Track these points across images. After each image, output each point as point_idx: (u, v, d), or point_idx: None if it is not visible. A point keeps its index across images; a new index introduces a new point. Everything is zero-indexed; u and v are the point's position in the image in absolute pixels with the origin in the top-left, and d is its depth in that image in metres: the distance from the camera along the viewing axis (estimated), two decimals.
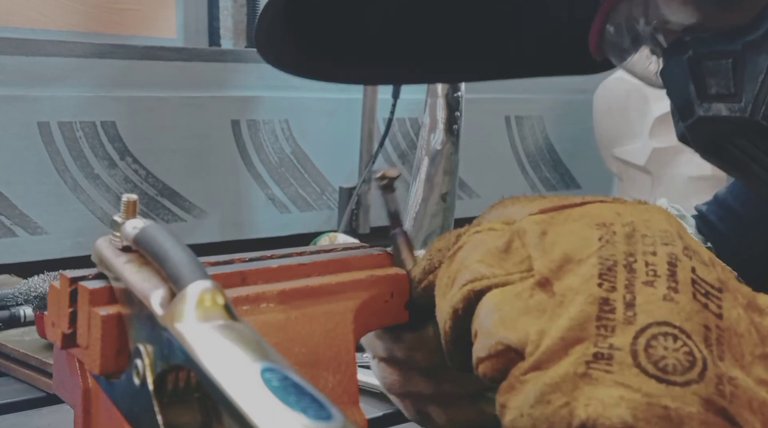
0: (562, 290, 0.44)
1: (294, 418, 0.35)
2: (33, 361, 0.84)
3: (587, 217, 0.47)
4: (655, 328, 0.42)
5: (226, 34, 1.72)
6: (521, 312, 0.45)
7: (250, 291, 0.51)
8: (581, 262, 0.45)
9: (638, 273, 0.44)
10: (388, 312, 0.57)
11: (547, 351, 0.43)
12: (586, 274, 0.44)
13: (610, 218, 0.47)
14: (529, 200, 0.50)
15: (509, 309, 0.45)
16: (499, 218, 0.50)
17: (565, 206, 0.48)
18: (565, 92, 2.32)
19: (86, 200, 1.52)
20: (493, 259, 0.47)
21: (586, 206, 0.48)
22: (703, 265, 0.45)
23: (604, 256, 0.44)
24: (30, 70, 1.46)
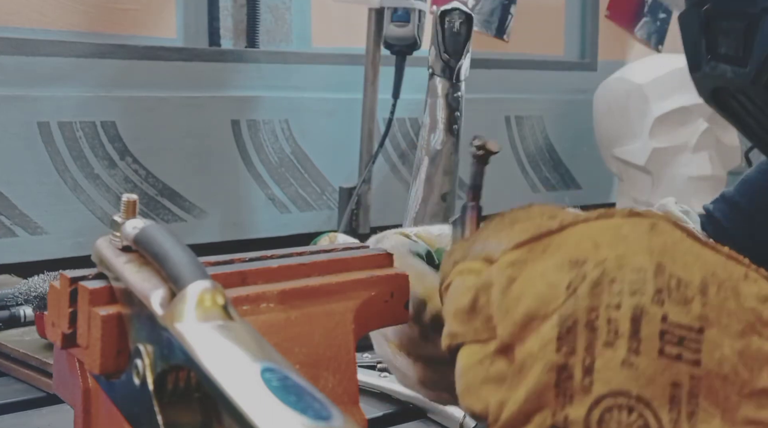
0: (522, 357, 0.44)
1: (294, 418, 0.35)
2: (33, 361, 0.84)
3: (563, 250, 0.45)
4: (610, 400, 0.41)
5: (226, 34, 1.72)
6: (483, 381, 0.45)
7: (250, 291, 0.51)
8: (543, 320, 0.44)
9: (599, 332, 0.43)
10: (388, 312, 0.57)
11: (506, 425, 0.43)
12: (546, 337, 0.43)
13: (584, 253, 0.45)
14: (511, 228, 0.49)
15: (472, 377, 0.45)
16: (480, 254, 0.49)
17: (542, 235, 0.46)
18: (565, 92, 2.32)
19: (86, 200, 1.52)
20: (462, 316, 0.47)
21: (565, 232, 0.46)
22: (680, 305, 0.43)
23: (565, 315, 0.43)
24: (30, 70, 1.46)
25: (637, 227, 0.46)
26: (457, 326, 0.47)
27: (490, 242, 0.49)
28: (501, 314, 0.45)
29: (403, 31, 1.57)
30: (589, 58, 2.39)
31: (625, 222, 0.46)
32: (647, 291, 0.43)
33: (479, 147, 0.60)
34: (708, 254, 0.45)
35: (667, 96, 2.09)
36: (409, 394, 0.80)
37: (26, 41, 1.46)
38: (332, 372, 0.51)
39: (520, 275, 0.45)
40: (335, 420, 0.36)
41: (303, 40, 1.83)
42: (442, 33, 1.38)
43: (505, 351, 0.45)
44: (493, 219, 0.51)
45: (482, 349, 0.45)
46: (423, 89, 1.44)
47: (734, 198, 0.88)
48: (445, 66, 1.39)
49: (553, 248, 0.46)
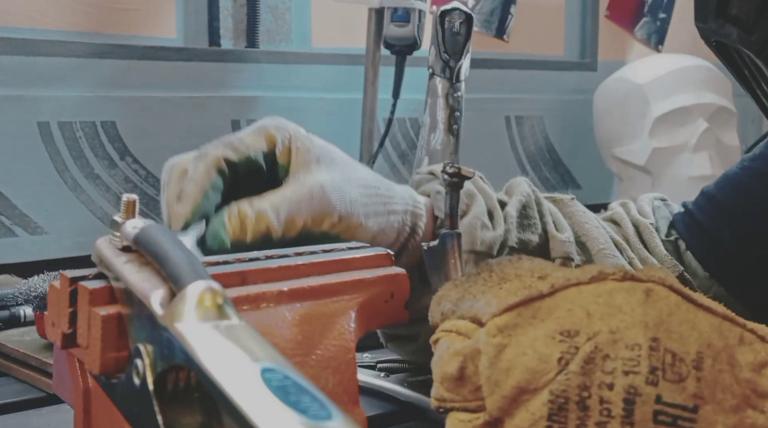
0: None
1: (294, 418, 0.35)
2: (33, 361, 0.84)
3: (553, 317, 0.44)
4: None
5: (226, 34, 1.72)
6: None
7: (250, 291, 0.51)
8: (533, 394, 0.43)
9: (591, 412, 0.42)
10: (388, 312, 0.57)
11: None
12: (537, 414, 0.42)
13: (576, 324, 0.44)
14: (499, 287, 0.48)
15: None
16: (468, 312, 0.48)
17: (532, 299, 0.45)
18: (565, 92, 2.32)
19: (86, 200, 1.52)
20: (450, 383, 0.46)
21: (556, 296, 0.45)
22: (675, 384, 0.42)
23: (556, 391, 0.42)
24: (30, 70, 1.46)
25: (631, 296, 0.45)
26: (444, 392, 0.47)
27: (479, 300, 0.48)
28: (490, 387, 0.44)
29: (403, 31, 1.57)
30: (589, 58, 2.39)
31: (619, 289, 0.45)
32: (641, 370, 0.42)
33: (453, 174, 0.60)
34: (704, 320, 0.44)
35: (667, 96, 2.09)
36: (409, 394, 0.80)
37: (26, 41, 1.46)
38: (332, 372, 0.51)
39: (510, 343, 0.44)
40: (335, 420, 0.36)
41: (303, 40, 1.83)
42: (442, 33, 1.38)
43: (494, 424, 0.44)
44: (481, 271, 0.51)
45: (471, 420, 0.45)
46: (423, 89, 1.44)
47: (713, 193, 0.88)
48: (445, 66, 1.39)
49: (543, 314, 0.45)
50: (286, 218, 0.67)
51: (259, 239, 0.66)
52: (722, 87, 2.16)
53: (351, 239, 0.69)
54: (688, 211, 0.89)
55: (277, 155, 0.71)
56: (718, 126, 2.13)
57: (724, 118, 2.14)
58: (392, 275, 0.57)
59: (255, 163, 0.70)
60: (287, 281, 0.53)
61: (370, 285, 0.56)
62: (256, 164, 0.70)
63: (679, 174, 2.09)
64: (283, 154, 0.71)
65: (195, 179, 0.67)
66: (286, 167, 0.71)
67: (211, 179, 0.67)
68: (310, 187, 0.69)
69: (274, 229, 0.67)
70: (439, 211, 0.76)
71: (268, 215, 0.67)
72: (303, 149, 0.71)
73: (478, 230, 0.75)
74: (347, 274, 0.56)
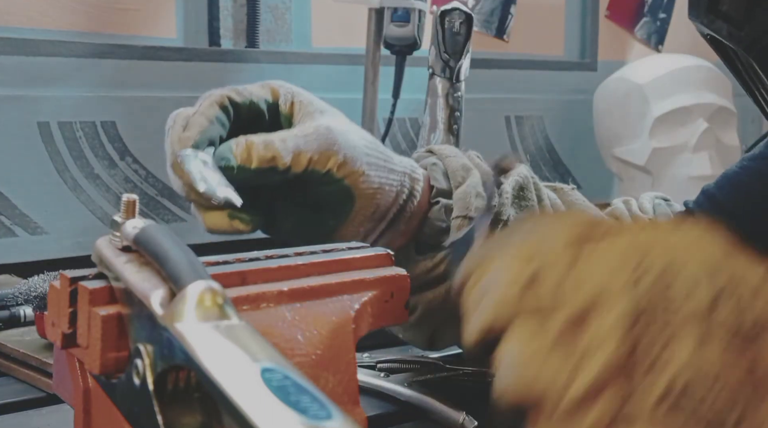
0: (588, 338, 0.41)
1: (294, 418, 0.35)
2: (33, 361, 0.84)
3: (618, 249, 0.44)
4: (692, 380, 0.40)
5: (226, 34, 1.72)
6: (547, 354, 0.42)
7: (250, 291, 0.51)
8: (615, 299, 0.42)
9: (672, 318, 0.41)
10: (388, 312, 0.57)
11: (571, 404, 0.41)
12: (612, 315, 0.41)
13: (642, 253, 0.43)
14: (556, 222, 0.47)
15: (532, 352, 0.42)
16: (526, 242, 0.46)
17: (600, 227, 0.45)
18: (565, 92, 2.32)
19: (86, 200, 1.52)
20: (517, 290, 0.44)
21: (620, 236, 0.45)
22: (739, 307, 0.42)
23: (637, 298, 0.41)
24: (30, 70, 1.46)
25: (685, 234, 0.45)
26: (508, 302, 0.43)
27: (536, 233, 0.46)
28: (571, 287, 0.42)
29: (403, 31, 1.57)
30: (589, 58, 2.39)
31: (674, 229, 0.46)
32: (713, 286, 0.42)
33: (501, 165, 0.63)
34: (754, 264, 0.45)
35: (667, 96, 2.09)
36: (409, 394, 0.80)
37: (26, 41, 1.46)
38: (332, 372, 0.51)
39: (583, 256, 0.43)
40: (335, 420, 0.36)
41: (303, 40, 1.83)
42: (442, 33, 1.38)
43: (573, 324, 0.42)
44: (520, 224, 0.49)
45: (543, 324, 0.42)
46: (423, 89, 1.44)
47: (713, 193, 0.89)
48: (445, 66, 1.39)
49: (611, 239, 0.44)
50: (294, 150, 0.68)
51: (264, 167, 0.68)
52: (722, 87, 2.16)
53: (354, 188, 0.71)
54: (688, 210, 0.89)
55: (281, 106, 0.73)
56: (718, 126, 2.13)
57: (724, 118, 2.14)
58: (392, 275, 0.57)
59: (257, 108, 0.72)
60: (287, 281, 0.53)
61: (370, 285, 0.56)
62: (258, 110, 0.72)
63: (679, 174, 2.09)
64: (287, 105, 0.73)
65: (200, 111, 0.70)
66: (289, 119, 0.73)
67: (216, 112, 0.70)
68: (317, 126, 0.71)
69: (281, 159, 0.68)
70: (435, 181, 0.78)
71: (275, 144, 0.68)
72: (306, 102, 0.73)
73: (473, 198, 0.76)
74: (347, 274, 0.56)
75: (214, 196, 0.66)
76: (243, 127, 0.71)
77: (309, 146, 0.70)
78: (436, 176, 0.79)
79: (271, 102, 0.73)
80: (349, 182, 0.72)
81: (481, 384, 0.83)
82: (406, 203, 0.77)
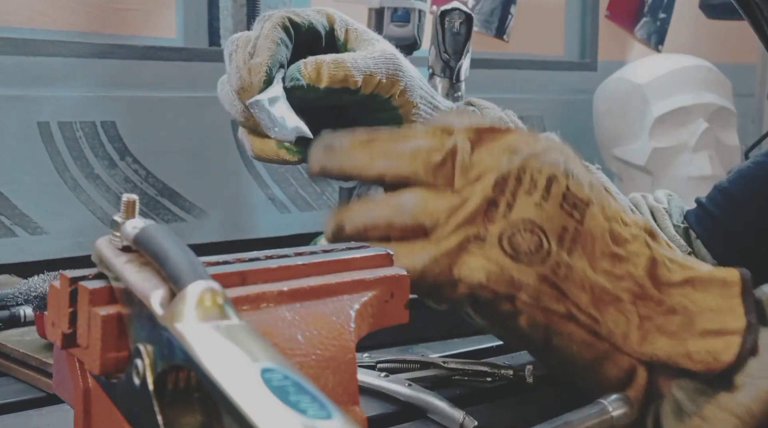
0: (467, 193, 0.60)
1: (294, 418, 0.35)
2: (33, 361, 0.84)
3: (505, 142, 0.62)
4: (521, 224, 0.59)
5: (226, 34, 1.71)
6: (439, 205, 0.61)
7: (250, 291, 0.51)
8: (486, 174, 0.60)
9: (523, 183, 0.60)
10: (388, 312, 0.57)
11: (444, 231, 0.60)
12: (486, 182, 0.60)
13: (521, 145, 0.61)
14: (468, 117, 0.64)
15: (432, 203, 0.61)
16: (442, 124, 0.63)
17: (493, 130, 0.63)
18: (565, 92, 2.32)
19: (86, 200, 1.52)
20: (433, 169, 0.61)
21: (508, 134, 0.63)
22: (579, 185, 0.61)
23: (502, 170, 0.60)
24: (30, 70, 1.46)
25: (553, 142, 0.64)
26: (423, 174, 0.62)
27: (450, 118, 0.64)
28: (459, 174, 0.61)
29: (403, 31, 1.57)
30: (589, 58, 2.39)
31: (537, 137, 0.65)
32: (560, 168, 0.61)
33: None
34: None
35: (667, 96, 2.09)
36: (409, 394, 0.80)
37: (26, 41, 1.46)
38: (332, 372, 0.51)
39: (476, 149, 0.62)
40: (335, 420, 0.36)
41: None
42: (442, 33, 1.38)
43: (463, 187, 0.61)
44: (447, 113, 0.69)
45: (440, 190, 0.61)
46: None
47: (726, 187, 0.90)
48: (445, 66, 1.39)
49: (500, 139, 0.62)
50: (365, 70, 0.70)
51: (335, 86, 0.69)
52: (722, 87, 2.17)
53: (404, 118, 0.74)
54: (700, 204, 0.90)
55: (337, 31, 0.73)
56: (718, 126, 2.13)
57: (724, 118, 2.14)
58: (392, 275, 0.57)
59: (315, 31, 0.73)
60: (287, 281, 0.53)
61: (370, 285, 0.56)
62: (316, 33, 0.73)
63: (679, 174, 2.09)
64: (342, 31, 0.73)
65: (264, 34, 0.69)
66: (345, 45, 0.73)
67: (280, 34, 0.69)
68: (383, 50, 0.72)
69: (353, 77, 0.69)
70: None
71: (347, 63, 0.68)
72: (362, 30, 0.74)
73: None
74: (347, 274, 0.56)
75: (287, 138, 0.66)
76: (302, 50, 0.71)
77: (378, 68, 0.71)
78: None
79: (327, 27, 0.73)
80: (402, 112, 0.73)
81: (481, 384, 0.83)
82: None
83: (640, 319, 0.60)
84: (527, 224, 0.59)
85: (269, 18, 0.71)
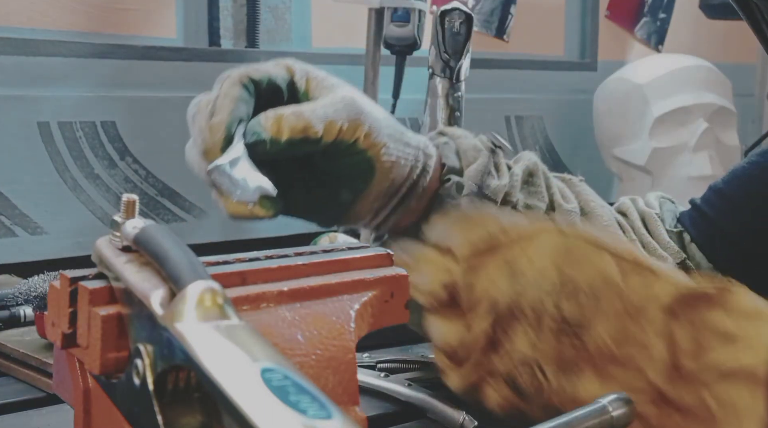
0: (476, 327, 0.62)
1: (294, 418, 0.35)
2: (33, 361, 0.84)
3: (503, 259, 0.62)
4: (520, 363, 0.60)
5: (226, 34, 1.72)
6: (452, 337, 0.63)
7: (250, 291, 0.51)
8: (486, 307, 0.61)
9: (519, 320, 0.60)
10: (388, 312, 0.57)
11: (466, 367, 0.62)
12: (486, 320, 0.61)
13: (517, 265, 0.61)
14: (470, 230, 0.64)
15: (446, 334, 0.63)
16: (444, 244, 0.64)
17: (491, 247, 0.63)
18: (565, 92, 2.32)
19: (86, 200, 1.52)
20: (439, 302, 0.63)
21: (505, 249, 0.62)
22: (577, 305, 0.60)
23: (499, 306, 0.61)
24: (30, 70, 1.46)
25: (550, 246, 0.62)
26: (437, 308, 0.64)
27: (452, 234, 0.65)
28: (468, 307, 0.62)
29: (403, 31, 1.57)
30: (589, 58, 2.39)
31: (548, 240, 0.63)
32: (554, 295, 0.60)
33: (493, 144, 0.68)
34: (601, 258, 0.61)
35: (667, 96, 2.09)
36: (409, 394, 0.80)
37: (26, 41, 1.46)
38: (332, 372, 0.51)
39: (475, 276, 0.62)
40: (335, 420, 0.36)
41: (303, 40, 1.83)
42: (442, 33, 1.38)
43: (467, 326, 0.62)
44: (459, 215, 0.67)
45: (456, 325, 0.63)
46: (423, 89, 1.44)
47: (720, 187, 0.89)
48: (445, 66, 1.39)
49: (500, 260, 0.62)
50: (324, 119, 0.69)
51: (296, 138, 0.68)
52: (722, 87, 2.16)
53: (375, 160, 0.73)
54: (695, 206, 0.90)
55: (297, 82, 0.72)
56: (718, 126, 2.13)
57: (724, 118, 2.14)
58: (392, 275, 0.57)
59: (275, 85, 0.72)
60: (287, 281, 0.53)
61: (370, 285, 0.56)
62: (276, 87, 0.72)
63: (679, 174, 2.09)
64: (303, 81, 0.72)
65: (223, 93, 0.70)
66: (306, 94, 0.72)
67: (239, 92, 0.69)
68: (343, 96, 0.71)
69: (313, 128, 0.68)
70: (447, 159, 0.78)
71: (306, 114, 0.68)
72: (322, 77, 0.74)
73: (485, 177, 0.77)
74: (347, 274, 0.56)
75: (249, 199, 0.66)
76: (263, 105, 0.71)
77: (339, 115, 0.70)
78: (447, 154, 0.80)
79: (287, 79, 0.73)
80: (371, 154, 0.72)
81: None
82: (419, 178, 0.77)
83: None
84: (526, 362, 0.60)
85: (228, 77, 0.71)
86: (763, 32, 0.80)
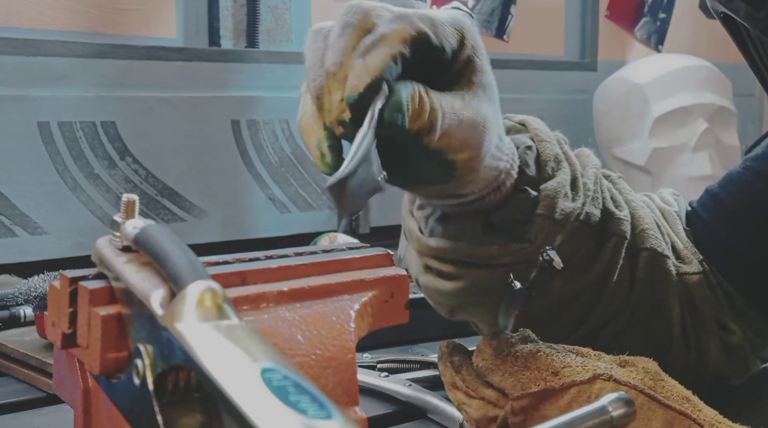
0: None
1: (294, 418, 0.35)
2: (33, 361, 0.84)
3: (559, 408, 0.63)
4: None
5: (226, 34, 1.72)
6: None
7: (250, 291, 0.51)
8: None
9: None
10: (388, 312, 0.57)
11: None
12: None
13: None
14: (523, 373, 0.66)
15: None
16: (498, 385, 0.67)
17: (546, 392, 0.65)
18: (565, 92, 2.32)
19: (86, 200, 1.52)
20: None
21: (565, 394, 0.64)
22: None
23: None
24: (30, 70, 1.46)
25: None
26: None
27: (507, 380, 0.67)
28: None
29: None
30: (589, 58, 2.40)
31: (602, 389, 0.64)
32: None
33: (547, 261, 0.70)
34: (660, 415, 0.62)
35: (667, 96, 2.09)
36: (409, 394, 0.80)
37: (26, 41, 1.46)
38: (332, 372, 0.51)
39: (526, 421, 0.64)
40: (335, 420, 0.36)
41: (303, 40, 1.83)
42: None
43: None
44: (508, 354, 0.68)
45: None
46: None
47: (716, 192, 0.89)
48: None
49: (551, 401, 0.64)
50: (447, 129, 0.65)
51: (415, 130, 0.64)
52: (722, 87, 2.17)
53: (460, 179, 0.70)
54: (693, 209, 0.90)
55: (458, 59, 0.67)
56: (718, 126, 2.13)
57: (724, 118, 2.14)
58: (392, 275, 0.57)
59: (440, 53, 0.66)
60: (287, 281, 0.53)
61: (370, 285, 0.56)
62: (440, 55, 0.66)
63: (679, 174, 2.09)
64: (463, 62, 0.68)
65: (390, 40, 0.63)
66: (458, 74, 0.68)
67: (403, 50, 0.63)
68: (476, 114, 0.67)
69: (434, 131, 0.65)
70: (526, 166, 0.76)
71: (438, 115, 0.65)
72: (479, 69, 0.68)
73: (560, 199, 0.75)
74: (347, 274, 0.56)
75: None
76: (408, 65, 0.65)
77: (459, 133, 0.66)
78: (527, 161, 0.77)
79: (455, 49, 0.67)
80: (459, 174, 0.69)
81: None
82: (489, 194, 0.74)
83: None
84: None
85: (404, 19, 0.63)
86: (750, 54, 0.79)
